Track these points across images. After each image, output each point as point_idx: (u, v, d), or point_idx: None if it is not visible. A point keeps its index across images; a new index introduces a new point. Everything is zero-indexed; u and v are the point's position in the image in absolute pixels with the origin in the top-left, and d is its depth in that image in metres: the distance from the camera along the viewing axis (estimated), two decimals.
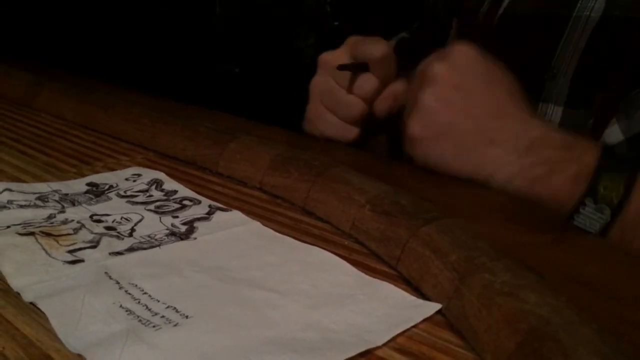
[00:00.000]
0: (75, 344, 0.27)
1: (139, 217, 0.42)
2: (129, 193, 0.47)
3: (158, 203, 0.45)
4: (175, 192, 0.47)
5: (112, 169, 0.52)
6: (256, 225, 0.42)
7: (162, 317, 0.30)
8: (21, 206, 0.43)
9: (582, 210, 0.42)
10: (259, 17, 1.24)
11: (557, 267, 0.34)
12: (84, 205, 0.44)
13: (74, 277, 0.33)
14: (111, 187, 0.48)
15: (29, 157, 0.54)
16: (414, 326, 0.30)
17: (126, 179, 0.50)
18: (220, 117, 0.67)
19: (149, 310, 0.30)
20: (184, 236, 0.39)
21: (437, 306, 0.32)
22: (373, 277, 0.35)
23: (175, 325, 0.29)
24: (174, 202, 0.45)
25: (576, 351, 0.23)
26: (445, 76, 0.47)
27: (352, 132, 0.57)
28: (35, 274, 0.33)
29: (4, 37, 1.06)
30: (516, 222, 0.42)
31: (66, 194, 0.45)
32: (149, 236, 0.39)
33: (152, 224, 0.41)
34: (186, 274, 0.35)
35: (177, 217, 0.43)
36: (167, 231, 0.40)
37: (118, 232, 0.39)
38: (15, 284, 0.32)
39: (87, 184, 0.48)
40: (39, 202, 0.43)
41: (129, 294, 0.32)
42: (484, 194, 0.47)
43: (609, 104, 0.54)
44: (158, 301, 0.31)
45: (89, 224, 0.40)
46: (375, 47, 0.55)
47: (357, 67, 0.56)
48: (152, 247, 0.38)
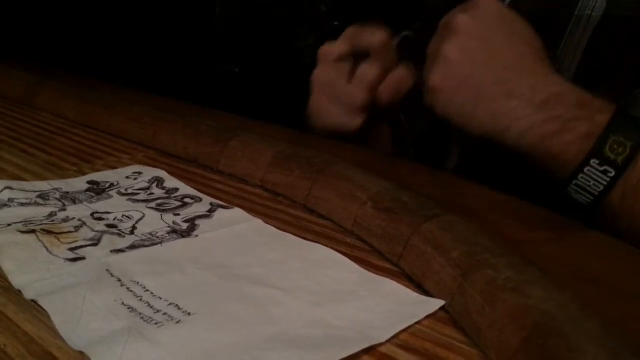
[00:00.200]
0: (77, 342, 0.27)
1: (140, 215, 0.42)
2: (130, 191, 0.46)
3: (159, 201, 0.45)
4: (176, 190, 0.47)
5: (113, 168, 0.52)
6: (258, 222, 0.42)
7: (165, 314, 0.30)
8: (22, 204, 0.42)
9: (586, 169, 0.42)
10: (259, 17, 1.23)
11: (560, 263, 0.34)
12: (85, 203, 0.44)
13: (76, 274, 0.33)
14: (112, 185, 0.47)
15: (30, 156, 0.54)
16: (417, 323, 0.30)
17: (127, 177, 0.49)
18: (221, 115, 0.67)
19: (151, 307, 0.30)
20: (186, 234, 0.39)
21: (440, 303, 0.32)
22: (375, 274, 0.35)
23: (177, 323, 0.29)
24: (175, 200, 0.45)
25: (582, 346, 0.23)
26: (468, 27, 0.47)
27: (355, 122, 0.57)
28: (37, 271, 0.33)
29: (4, 37, 1.06)
30: (518, 219, 0.42)
31: (67, 192, 0.45)
32: (150, 234, 0.39)
33: (153, 222, 0.41)
34: (188, 271, 0.35)
35: (178, 214, 0.42)
36: (169, 229, 0.40)
37: (119, 230, 0.39)
38: (17, 282, 0.32)
39: (88, 182, 0.48)
40: (40, 200, 0.43)
41: (131, 291, 0.32)
42: (486, 191, 0.47)
43: (612, 100, 0.54)
44: (160, 298, 0.31)
45: (90, 222, 0.40)
46: (374, 36, 0.55)
47: (357, 55, 0.55)
48: (153, 244, 0.38)
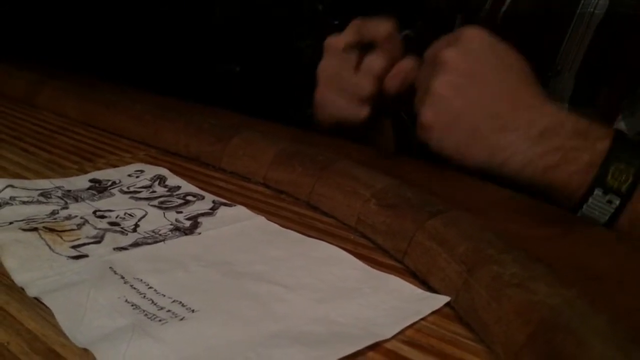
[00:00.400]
0: (80, 339, 0.27)
1: (143, 212, 0.42)
2: (132, 189, 0.46)
3: (161, 199, 0.45)
4: (178, 187, 0.47)
5: (115, 166, 0.52)
6: (261, 220, 0.42)
7: (168, 311, 0.29)
8: (24, 202, 0.42)
9: (590, 200, 0.41)
10: (259, 17, 1.23)
11: (565, 260, 0.34)
12: (87, 201, 0.43)
13: (79, 272, 0.33)
14: (114, 183, 0.47)
15: (31, 155, 0.54)
16: (422, 319, 0.30)
17: (129, 175, 0.49)
18: (222, 114, 0.67)
19: (155, 304, 0.30)
20: (189, 231, 0.39)
21: (445, 299, 0.31)
22: (379, 270, 0.35)
23: (181, 320, 0.29)
24: (178, 198, 0.45)
25: (589, 341, 0.23)
26: (457, 62, 0.46)
27: (362, 112, 0.56)
28: (39, 269, 0.33)
29: (5, 37, 1.06)
30: (523, 215, 0.42)
31: (69, 191, 0.45)
32: (153, 231, 0.39)
33: (156, 220, 0.41)
34: (191, 268, 0.34)
35: (181, 212, 0.42)
36: (171, 226, 0.40)
37: (122, 228, 0.39)
38: (19, 280, 0.32)
39: (90, 181, 0.48)
40: (41, 199, 0.43)
41: (134, 288, 0.32)
42: (490, 188, 0.47)
43: (614, 101, 0.54)
44: (164, 295, 0.31)
45: (93, 219, 0.40)
46: (380, 26, 0.54)
47: (364, 45, 0.55)
48: (156, 242, 0.37)
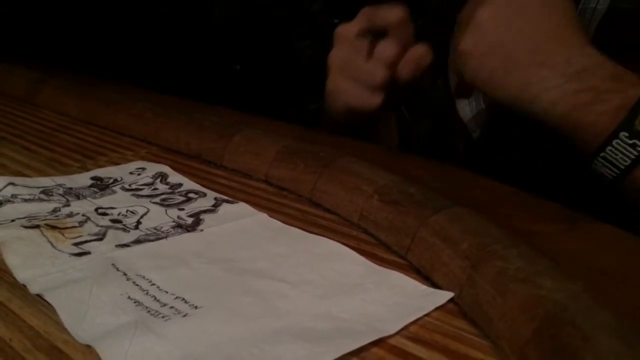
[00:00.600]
0: (83, 336, 0.27)
1: (145, 209, 0.42)
2: (133, 186, 0.46)
3: (163, 196, 0.44)
4: (180, 185, 0.47)
5: (116, 164, 0.52)
6: (263, 216, 0.41)
7: (171, 307, 0.29)
8: (25, 200, 0.42)
9: (614, 142, 0.41)
10: (259, 16, 1.23)
11: (569, 255, 0.34)
12: (88, 198, 0.43)
13: (81, 269, 0.33)
14: (116, 180, 0.47)
15: (32, 153, 0.54)
16: (426, 315, 0.30)
17: (130, 173, 0.49)
18: (224, 111, 0.67)
19: (158, 301, 0.30)
20: (191, 228, 0.39)
21: (449, 294, 0.31)
22: (382, 267, 0.35)
23: (184, 316, 0.29)
24: (180, 195, 0.45)
25: (596, 336, 0.23)
26: None
27: (375, 100, 0.56)
28: (41, 266, 0.33)
29: (5, 36, 1.06)
30: (527, 212, 0.42)
31: (70, 188, 0.45)
32: (155, 228, 0.39)
33: (158, 217, 0.41)
34: (194, 265, 0.34)
35: (183, 209, 0.42)
36: (174, 223, 0.40)
37: (124, 225, 0.39)
38: (22, 277, 0.32)
39: (92, 178, 0.48)
40: (43, 196, 0.43)
41: (137, 285, 0.31)
42: (494, 184, 0.46)
43: None
44: (166, 292, 0.31)
45: (95, 217, 0.40)
46: (392, 12, 0.54)
47: (376, 32, 0.54)
48: (158, 239, 0.37)
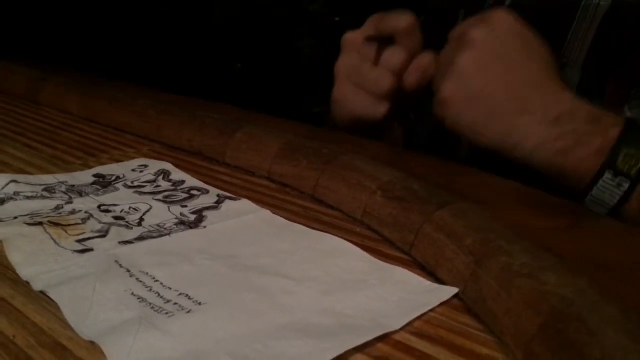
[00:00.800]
0: (87, 332, 0.27)
1: (148, 207, 0.42)
2: (136, 184, 0.46)
3: (166, 193, 0.44)
4: (182, 182, 0.47)
5: (118, 161, 0.52)
6: (266, 213, 0.41)
7: (175, 304, 0.29)
8: (28, 197, 0.42)
9: (600, 182, 0.42)
10: (259, 16, 1.23)
11: (574, 251, 0.34)
12: (91, 196, 0.43)
13: (84, 266, 0.33)
14: (118, 178, 0.47)
15: (34, 150, 0.54)
16: (431, 310, 0.30)
17: (133, 170, 0.49)
18: (225, 109, 0.67)
19: (162, 297, 0.30)
20: (194, 225, 0.39)
21: (453, 290, 0.31)
22: (387, 263, 0.35)
23: (188, 312, 0.29)
24: (182, 192, 0.45)
25: (603, 330, 0.22)
26: (484, 41, 0.47)
27: (382, 108, 0.56)
28: (45, 263, 0.33)
29: (6, 35, 1.05)
30: (530, 208, 0.42)
31: (73, 186, 0.45)
32: (158, 225, 0.39)
33: (160, 214, 0.41)
34: (197, 262, 0.34)
35: (185, 206, 0.42)
36: (177, 220, 0.40)
37: (127, 222, 0.39)
38: (25, 274, 0.32)
39: (94, 176, 0.47)
40: (45, 194, 0.43)
41: (141, 281, 0.31)
42: (497, 181, 0.46)
43: (620, 92, 0.54)
44: (170, 289, 0.31)
45: (97, 214, 0.40)
46: (400, 19, 0.54)
47: (384, 38, 0.55)
48: (161, 236, 0.37)
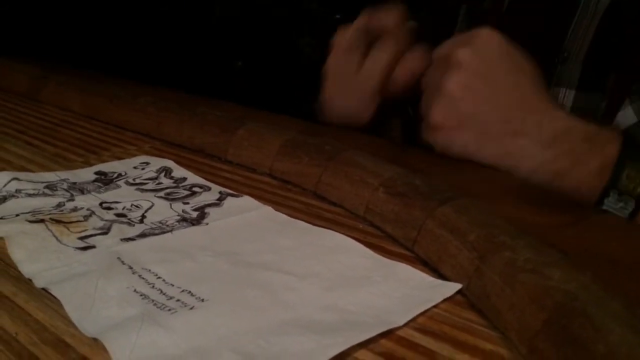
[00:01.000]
0: (90, 329, 0.27)
1: (149, 204, 0.42)
2: (138, 181, 0.46)
3: (168, 190, 0.44)
4: (184, 179, 0.47)
5: (120, 158, 0.52)
6: (268, 210, 0.41)
7: (178, 300, 0.29)
8: (29, 195, 0.42)
9: (605, 201, 0.41)
10: (260, 14, 1.23)
11: (578, 246, 0.34)
12: (93, 193, 0.43)
13: (86, 262, 0.33)
14: (120, 175, 0.47)
15: (36, 148, 0.54)
16: (434, 306, 0.30)
17: (134, 168, 0.49)
18: (226, 106, 0.67)
19: (164, 294, 0.30)
20: (196, 222, 0.39)
21: (457, 286, 0.31)
22: (389, 259, 0.35)
23: (191, 309, 0.28)
24: (184, 189, 0.45)
25: (607, 325, 0.22)
26: (470, 63, 0.45)
27: (366, 111, 0.56)
28: (47, 260, 0.33)
29: (7, 33, 1.05)
30: (533, 204, 0.41)
31: (74, 183, 0.45)
32: (160, 222, 0.39)
33: (162, 211, 0.40)
34: (200, 258, 0.34)
35: (187, 203, 0.42)
36: (179, 217, 0.39)
37: (129, 219, 0.39)
38: (27, 271, 0.32)
39: (96, 173, 0.47)
40: (47, 191, 0.43)
41: (143, 278, 0.31)
42: (499, 177, 0.46)
43: (622, 86, 0.54)
44: (172, 285, 0.31)
45: (99, 211, 0.40)
46: (388, 16, 0.53)
47: (372, 38, 0.54)
48: (163, 232, 0.37)
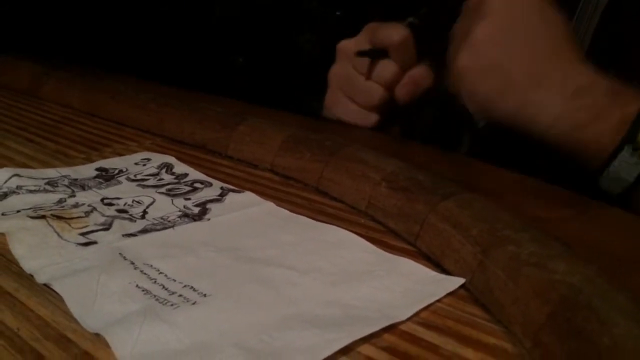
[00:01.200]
0: (92, 324, 0.27)
1: (151, 199, 0.41)
2: (139, 177, 0.46)
3: (169, 186, 0.44)
4: (186, 175, 0.47)
5: (121, 155, 0.51)
6: (270, 205, 0.41)
7: (180, 295, 0.29)
8: (30, 191, 0.42)
9: (619, 157, 0.41)
10: (260, 12, 1.23)
11: (581, 240, 0.33)
12: (94, 189, 0.43)
13: (88, 258, 0.33)
14: (121, 171, 0.47)
15: (37, 145, 0.54)
16: (437, 301, 0.30)
17: (136, 164, 0.49)
18: (227, 102, 0.66)
19: (166, 289, 0.30)
20: (197, 217, 0.39)
21: (460, 280, 0.31)
22: (392, 254, 0.35)
23: (193, 304, 0.28)
24: (185, 185, 0.44)
25: (613, 318, 0.22)
26: (502, 11, 0.46)
27: (371, 119, 0.56)
28: (48, 256, 0.33)
29: (8, 30, 1.05)
30: (536, 198, 0.41)
31: (76, 179, 0.45)
32: (161, 218, 0.38)
33: (164, 207, 0.40)
34: (201, 254, 0.34)
35: (189, 199, 0.42)
36: (180, 213, 0.39)
37: (130, 215, 0.39)
38: (28, 267, 0.32)
39: (97, 169, 0.47)
40: (48, 187, 0.43)
41: (145, 274, 0.31)
42: (502, 172, 0.46)
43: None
44: (175, 280, 0.31)
45: (100, 207, 0.40)
46: (394, 32, 0.54)
47: (376, 53, 0.55)
48: (165, 228, 0.37)
